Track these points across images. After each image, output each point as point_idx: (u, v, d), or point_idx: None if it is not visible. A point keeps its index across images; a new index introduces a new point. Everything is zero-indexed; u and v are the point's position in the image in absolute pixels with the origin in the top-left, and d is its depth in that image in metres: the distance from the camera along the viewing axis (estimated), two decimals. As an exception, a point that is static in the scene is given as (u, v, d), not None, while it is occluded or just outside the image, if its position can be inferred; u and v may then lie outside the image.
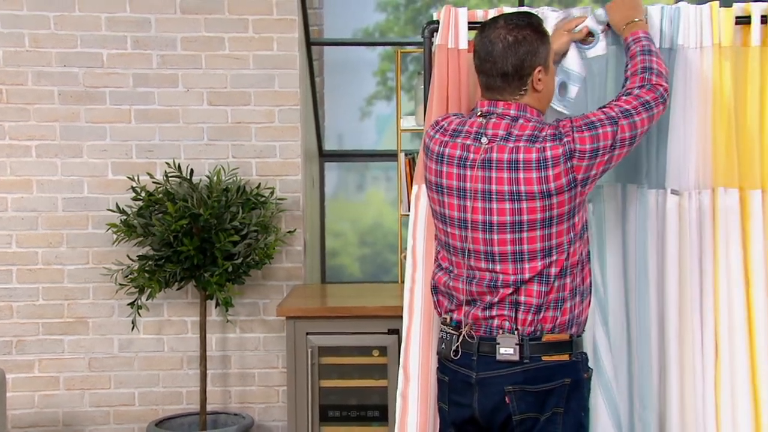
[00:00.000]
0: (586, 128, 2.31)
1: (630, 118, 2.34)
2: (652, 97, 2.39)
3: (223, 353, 4.43)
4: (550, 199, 2.30)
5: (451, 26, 2.68)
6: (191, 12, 4.34)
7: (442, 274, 2.48)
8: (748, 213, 2.63)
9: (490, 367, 2.37)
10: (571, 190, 2.32)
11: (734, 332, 2.61)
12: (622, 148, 2.35)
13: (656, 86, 2.42)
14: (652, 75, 2.43)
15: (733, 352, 2.61)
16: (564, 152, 2.29)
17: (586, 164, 2.31)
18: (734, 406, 2.61)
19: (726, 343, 2.61)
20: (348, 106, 5.11)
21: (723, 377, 2.61)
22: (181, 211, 3.95)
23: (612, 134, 2.32)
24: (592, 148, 2.30)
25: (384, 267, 5.16)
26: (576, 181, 2.31)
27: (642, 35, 2.52)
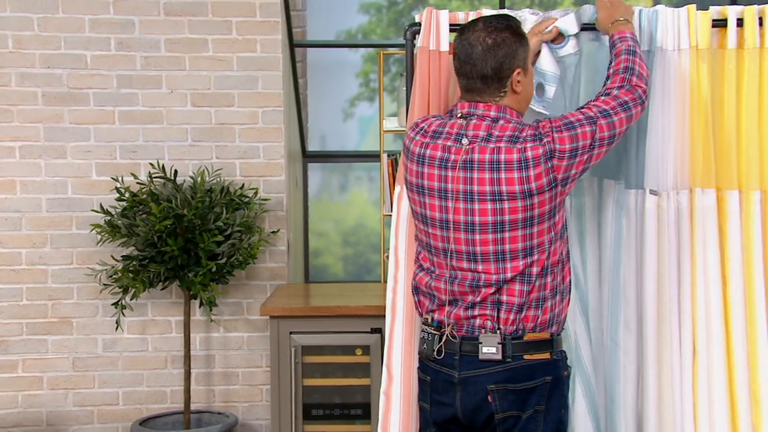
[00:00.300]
0: (565, 128, 2.32)
1: (608, 118, 2.35)
2: (630, 98, 2.40)
3: (207, 352, 4.41)
4: (531, 198, 2.31)
5: (432, 28, 2.68)
6: (175, 14, 4.32)
7: (423, 275, 2.48)
8: (725, 213, 2.65)
9: (472, 367, 2.38)
10: (552, 189, 2.32)
11: (711, 331, 2.63)
12: (601, 147, 2.36)
13: (635, 87, 2.43)
14: (633, 76, 2.44)
15: (711, 351, 2.62)
16: (544, 152, 2.30)
17: (566, 164, 2.32)
18: (711, 403, 2.62)
19: (704, 341, 2.63)
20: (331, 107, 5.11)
21: (700, 375, 2.62)
22: (165, 212, 3.94)
23: (591, 134, 2.33)
24: (571, 147, 2.31)
25: (367, 267, 5.16)
26: (556, 180, 2.32)
27: (629, 35, 2.53)
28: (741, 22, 2.65)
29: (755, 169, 2.64)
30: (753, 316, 2.63)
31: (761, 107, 2.64)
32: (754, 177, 2.64)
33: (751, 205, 2.64)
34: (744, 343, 2.63)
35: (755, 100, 2.64)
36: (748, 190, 2.65)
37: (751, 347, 2.63)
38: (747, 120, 2.64)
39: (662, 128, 2.62)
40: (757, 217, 2.64)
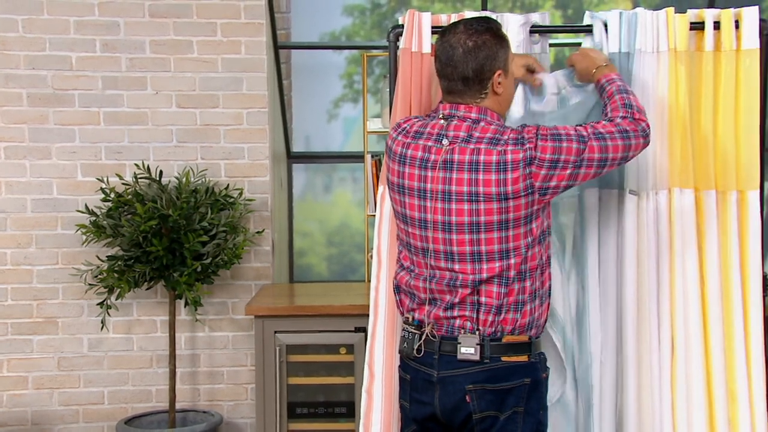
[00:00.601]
0: (550, 138, 2.31)
1: (602, 141, 2.33)
2: (632, 128, 2.38)
3: (192, 352, 4.40)
4: (507, 202, 2.31)
5: (415, 30, 2.69)
6: (160, 16, 4.31)
7: (404, 274, 2.48)
8: (703, 213, 2.66)
9: (451, 366, 2.38)
10: (528, 195, 2.32)
11: (690, 329, 2.64)
12: (588, 168, 2.33)
13: (639, 121, 2.41)
14: (634, 111, 2.42)
15: (689, 349, 2.64)
16: (524, 158, 2.30)
17: (545, 173, 2.30)
18: (689, 400, 2.64)
19: (682, 339, 2.64)
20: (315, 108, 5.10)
21: (678, 373, 2.64)
22: (150, 212, 3.93)
23: (577, 151, 2.31)
24: (552, 158, 2.30)
25: (351, 266, 5.16)
26: (533, 187, 2.31)
27: (615, 77, 2.52)
28: (718, 25, 2.67)
29: (732, 170, 2.66)
30: (730, 315, 2.65)
31: (737, 109, 2.66)
32: (731, 177, 2.66)
33: (727, 205, 2.66)
34: (721, 340, 2.64)
35: (732, 102, 2.66)
36: (725, 190, 2.67)
37: (727, 344, 2.65)
38: (724, 121, 2.66)
39: None
40: (733, 217, 2.66)
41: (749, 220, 2.65)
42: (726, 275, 2.65)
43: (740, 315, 2.64)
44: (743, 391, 2.63)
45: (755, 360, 2.63)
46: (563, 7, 5.00)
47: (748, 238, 2.65)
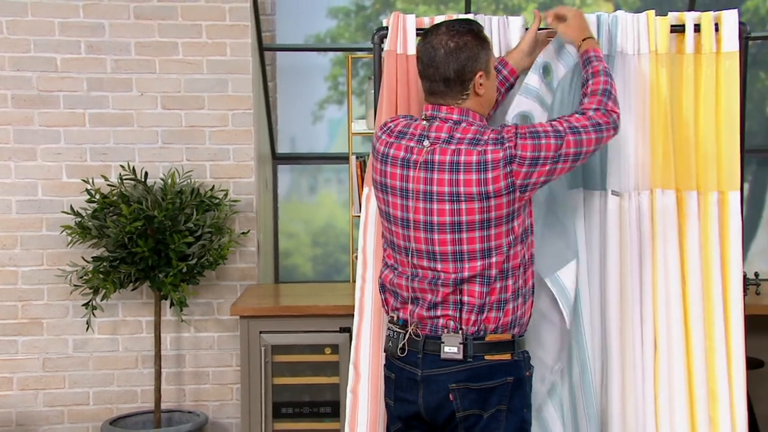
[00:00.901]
0: (529, 136, 2.32)
1: (577, 135, 2.35)
2: (604, 121, 2.40)
3: (177, 352, 4.38)
4: (488, 201, 2.31)
5: (399, 32, 2.69)
6: (145, 18, 4.29)
7: (388, 272, 2.48)
8: (684, 213, 2.67)
9: (434, 365, 2.38)
10: (510, 194, 2.32)
11: (672, 328, 2.65)
12: (565, 162, 2.35)
13: (611, 112, 2.43)
14: (609, 100, 2.45)
15: (671, 348, 2.65)
16: (504, 156, 2.30)
17: (526, 171, 2.32)
18: (671, 398, 2.65)
19: (664, 338, 2.65)
20: (300, 110, 5.09)
21: (661, 371, 2.65)
22: (135, 213, 3.91)
23: (555, 147, 2.33)
24: (532, 156, 2.31)
25: (336, 267, 5.15)
26: (514, 185, 2.32)
27: (602, 54, 2.55)
28: (698, 28, 2.68)
29: (713, 171, 2.67)
30: (710, 314, 2.66)
31: (718, 111, 2.67)
32: (712, 178, 2.67)
33: (708, 206, 2.67)
34: (702, 340, 2.65)
35: (712, 104, 2.67)
36: (706, 191, 2.68)
37: (708, 344, 2.66)
38: (704, 123, 2.67)
39: (623, 131, 2.64)
40: (714, 218, 2.67)
41: (730, 220, 2.66)
42: (707, 275, 2.66)
43: (721, 315, 2.65)
44: (724, 391, 2.64)
45: (736, 359, 2.65)
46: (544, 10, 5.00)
47: (729, 238, 2.66)
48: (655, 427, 2.65)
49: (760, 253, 5.02)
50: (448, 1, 5.05)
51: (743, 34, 2.68)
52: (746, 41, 2.71)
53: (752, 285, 3.54)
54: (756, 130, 5.00)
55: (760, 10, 4.90)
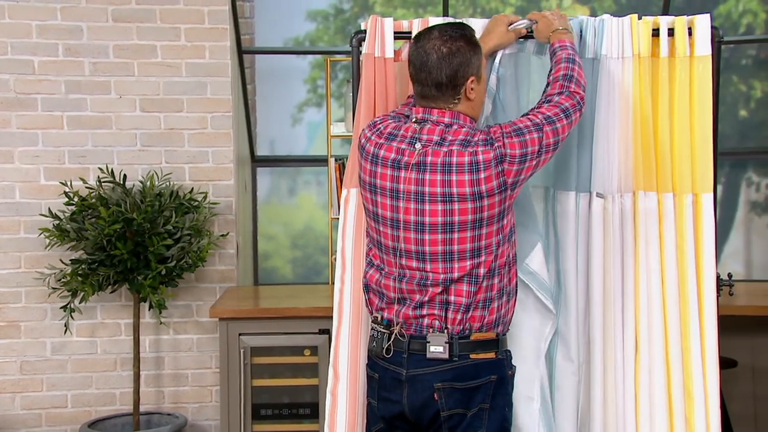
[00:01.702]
0: (515, 134, 2.34)
1: (553, 124, 2.38)
2: (570, 104, 2.43)
3: (156, 354, 4.35)
4: (481, 201, 2.32)
5: (377, 36, 2.68)
6: (123, 20, 4.26)
7: (373, 272, 2.48)
8: (662, 215, 2.69)
9: (420, 365, 2.38)
10: (502, 193, 2.34)
11: (653, 329, 2.66)
12: (547, 153, 2.38)
13: (574, 93, 2.45)
14: (571, 83, 2.47)
15: (652, 349, 2.66)
16: (495, 156, 2.31)
17: (516, 168, 2.34)
18: (652, 398, 2.66)
19: (645, 339, 2.66)
20: (279, 112, 5.08)
21: (642, 374, 2.66)
22: (114, 216, 3.89)
23: (539, 140, 2.35)
24: (521, 153, 2.33)
25: (315, 269, 5.14)
26: (506, 184, 2.34)
27: (568, 44, 2.56)
28: (672, 32, 2.69)
29: (687, 173, 2.69)
30: (686, 315, 2.67)
31: (691, 114, 2.68)
32: (687, 181, 2.69)
33: (684, 208, 2.68)
34: (679, 341, 2.67)
35: (686, 107, 2.68)
36: (681, 193, 2.69)
37: (685, 345, 2.67)
38: (679, 126, 2.69)
39: (607, 134, 2.65)
40: (689, 220, 2.68)
41: (703, 222, 2.68)
42: (683, 276, 2.68)
43: (696, 315, 2.66)
44: (699, 390, 2.65)
45: (710, 359, 2.66)
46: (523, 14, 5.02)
47: (703, 240, 2.68)
48: (635, 427, 2.66)
49: (733, 255, 5.07)
50: (426, 5, 5.06)
51: (716, 39, 2.70)
52: (719, 45, 2.72)
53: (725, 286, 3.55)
54: (729, 133, 5.04)
55: (732, 15, 4.95)
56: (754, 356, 4.30)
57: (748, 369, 4.30)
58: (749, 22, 4.94)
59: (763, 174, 5.03)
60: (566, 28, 2.61)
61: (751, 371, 4.31)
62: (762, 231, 5.03)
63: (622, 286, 2.67)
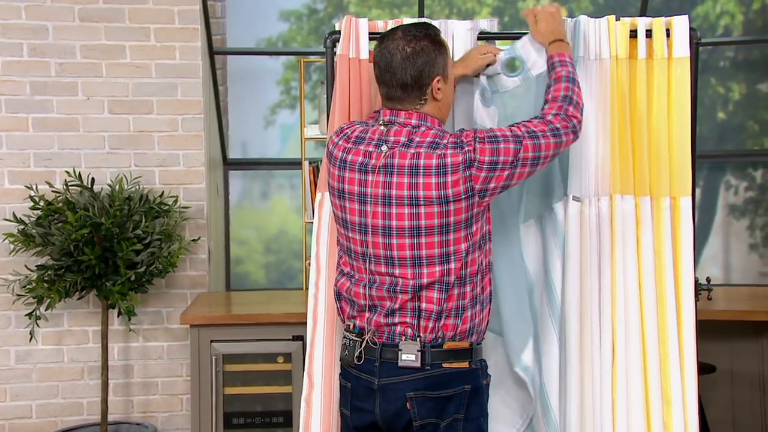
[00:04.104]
0: (488, 141, 2.33)
1: (535, 139, 2.36)
2: (563, 125, 2.42)
3: (125, 362, 4.32)
4: (447, 205, 2.32)
5: (352, 36, 2.68)
6: (90, 20, 4.23)
7: (344, 280, 2.48)
8: (639, 219, 2.71)
9: (392, 373, 2.37)
10: (469, 198, 2.33)
11: (630, 333, 2.67)
12: (523, 167, 2.36)
13: (571, 117, 2.45)
14: (570, 105, 2.46)
15: (629, 354, 2.67)
16: (464, 160, 2.31)
17: (485, 175, 2.33)
18: (629, 404, 2.67)
19: (622, 344, 2.67)
20: (252, 114, 5.06)
21: (619, 379, 2.67)
22: (81, 221, 3.86)
23: (514, 152, 2.34)
24: (491, 160, 2.32)
25: (289, 274, 5.13)
26: (474, 190, 2.33)
27: (568, 60, 2.56)
28: (650, 33, 2.72)
29: (665, 177, 2.71)
30: (664, 319, 2.69)
31: (669, 116, 2.71)
32: (664, 184, 2.71)
33: (662, 212, 2.70)
34: (656, 345, 2.68)
35: (664, 110, 2.70)
36: (658, 197, 2.71)
37: (662, 349, 2.69)
38: (657, 128, 2.71)
39: (585, 136, 2.66)
40: (667, 223, 2.70)
41: (681, 226, 2.70)
42: (660, 281, 2.70)
43: (674, 320, 2.68)
44: (677, 395, 2.67)
45: (688, 364, 2.68)
46: (499, 14, 5.06)
47: (681, 243, 2.70)
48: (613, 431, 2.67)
49: (711, 259, 5.12)
50: (402, 5, 5.07)
51: (694, 40, 2.72)
52: (697, 47, 2.75)
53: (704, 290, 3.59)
54: (707, 136, 5.09)
55: (710, 17, 5.00)
56: (732, 361, 4.34)
57: (727, 374, 4.34)
58: (727, 23, 5.00)
59: (742, 177, 5.09)
60: (567, 40, 2.61)
61: (729, 376, 4.35)
62: (740, 235, 5.08)
63: (599, 291, 2.69)
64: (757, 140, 5.13)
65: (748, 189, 5.08)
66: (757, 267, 5.05)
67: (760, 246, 5.05)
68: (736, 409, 4.36)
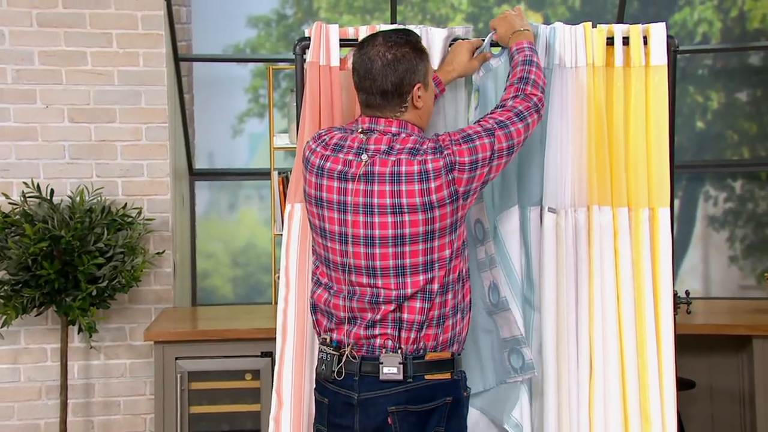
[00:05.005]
0: (463, 141, 2.35)
1: (505, 128, 2.40)
2: (525, 106, 2.46)
3: (86, 381, 4.28)
4: (432, 212, 2.33)
5: (322, 43, 2.68)
6: (49, 25, 4.21)
7: (321, 292, 2.47)
8: (618, 230, 2.72)
9: (372, 388, 2.37)
10: (453, 203, 2.35)
11: (608, 348, 2.68)
12: (500, 158, 2.39)
13: (530, 96, 2.48)
14: (527, 85, 2.50)
15: (607, 369, 2.68)
16: (445, 164, 2.33)
17: (467, 176, 2.35)
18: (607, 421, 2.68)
19: (600, 359, 2.68)
20: (219, 123, 5.06)
21: (596, 394, 2.68)
22: (40, 234, 3.83)
23: (490, 146, 2.37)
24: (471, 160, 2.34)
25: (257, 288, 5.12)
26: (457, 193, 2.35)
27: (526, 45, 2.60)
28: (627, 40, 2.74)
29: (643, 187, 2.73)
30: (643, 333, 2.70)
31: (647, 125, 2.73)
32: (643, 195, 2.73)
33: (640, 223, 2.72)
34: (635, 359, 2.70)
35: (642, 118, 2.73)
36: (637, 208, 2.73)
37: (641, 364, 2.70)
38: (634, 138, 2.73)
39: (560, 146, 2.68)
40: (645, 235, 2.72)
41: (660, 238, 2.72)
42: (639, 294, 2.71)
43: (653, 334, 2.70)
44: (656, 412, 2.68)
45: (667, 380, 2.70)
46: (474, 21, 5.09)
47: (660, 256, 2.72)
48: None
49: (691, 271, 5.17)
50: (374, 11, 5.09)
51: (671, 48, 2.75)
52: (675, 55, 2.78)
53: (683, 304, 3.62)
54: (686, 145, 5.15)
55: (687, 24, 5.07)
56: (712, 377, 4.38)
57: (706, 390, 4.38)
58: (705, 31, 5.07)
59: (721, 188, 5.15)
60: (526, 28, 2.64)
61: (709, 392, 4.39)
62: (720, 247, 5.14)
63: (576, 305, 2.70)
64: (737, 150, 5.20)
65: (728, 200, 5.14)
66: (737, 280, 5.10)
67: (740, 258, 5.11)
68: (716, 425, 4.40)
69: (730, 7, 5.05)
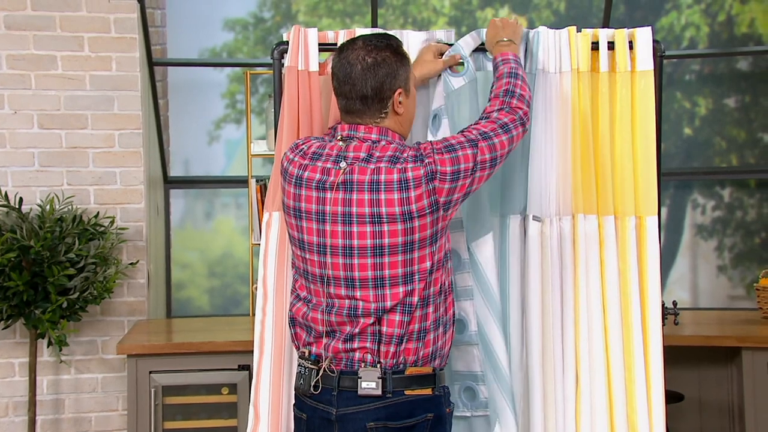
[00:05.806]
0: (446, 151, 2.36)
1: (489, 140, 2.41)
2: (510, 119, 2.47)
3: (55, 397, 4.26)
4: (412, 222, 2.33)
5: (300, 48, 2.69)
6: (18, 28, 4.20)
7: (300, 305, 2.46)
8: (604, 239, 2.74)
9: (351, 403, 2.37)
10: (433, 213, 2.35)
11: (594, 359, 2.69)
12: (483, 170, 2.40)
13: (515, 109, 2.49)
14: (513, 98, 2.51)
15: (593, 380, 2.69)
16: (425, 173, 2.33)
17: (448, 187, 2.35)
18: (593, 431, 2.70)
19: (586, 370, 2.69)
20: (195, 129, 5.05)
21: (583, 405, 2.69)
22: (8, 244, 3.82)
23: (473, 156, 2.37)
24: (452, 170, 2.35)
25: (234, 299, 5.10)
26: (438, 204, 2.35)
27: (511, 57, 2.61)
28: (612, 45, 2.76)
29: (630, 195, 2.74)
30: (630, 345, 2.71)
31: (634, 131, 2.74)
32: (629, 203, 2.74)
33: (626, 232, 2.74)
34: (622, 370, 2.71)
35: (628, 124, 2.74)
36: (623, 216, 2.74)
37: (628, 375, 2.71)
38: (620, 145, 2.74)
39: (545, 153, 2.69)
40: (632, 244, 2.73)
41: (647, 247, 2.73)
42: (626, 303, 2.72)
43: (640, 346, 2.71)
44: (644, 426, 2.69)
45: (655, 393, 2.71)
46: (456, 25, 5.11)
47: (647, 265, 2.73)
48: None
49: (678, 281, 5.19)
50: (354, 14, 5.10)
51: (658, 53, 2.77)
52: (661, 60, 2.80)
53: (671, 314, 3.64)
54: (674, 152, 5.19)
55: (674, 28, 5.11)
56: (701, 389, 4.40)
57: (695, 403, 4.40)
58: (692, 35, 5.11)
59: (709, 195, 5.18)
60: (511, 39, 2.66)
61: (698, 405, 4.41)
62: (708, 256, 5.17)
63: (561, 315, 2.71)
64: (725, 157, 5.24)
65: (716, 208, 5.17)
66: (726, 290, 5.13)
67: (728, 268, 5.14)
68: (706, 438, 4.42)
69: (717, 11, 5.10)
